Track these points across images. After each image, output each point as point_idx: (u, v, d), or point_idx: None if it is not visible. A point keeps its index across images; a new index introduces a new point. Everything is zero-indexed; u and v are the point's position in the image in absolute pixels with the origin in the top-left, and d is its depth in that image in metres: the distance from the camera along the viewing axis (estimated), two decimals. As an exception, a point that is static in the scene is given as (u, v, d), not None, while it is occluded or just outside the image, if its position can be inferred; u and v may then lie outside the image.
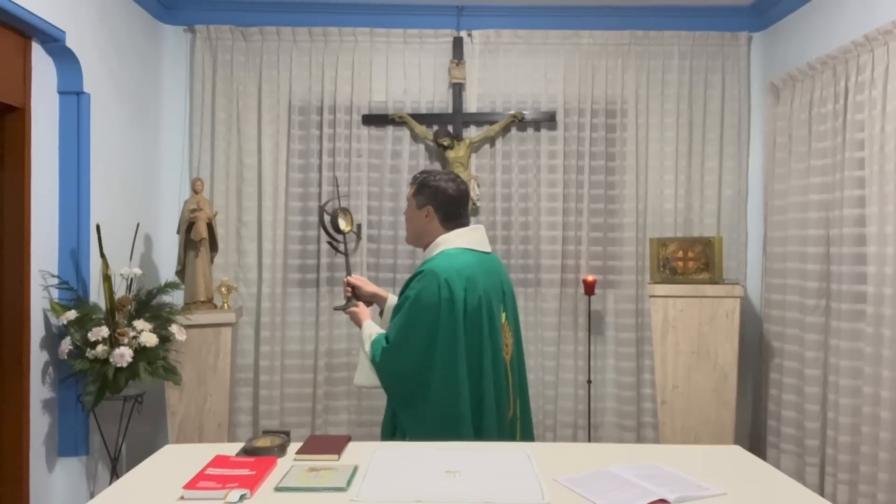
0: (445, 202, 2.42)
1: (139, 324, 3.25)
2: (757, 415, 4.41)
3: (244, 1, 4.36)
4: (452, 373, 2.24)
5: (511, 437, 2.41)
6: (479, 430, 2.29)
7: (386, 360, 2.32)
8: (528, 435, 2.51)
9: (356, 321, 2.57)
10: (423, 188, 2.44)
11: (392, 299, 2.63)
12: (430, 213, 2.43)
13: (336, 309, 2.80)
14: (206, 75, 4.36)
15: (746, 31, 4.46)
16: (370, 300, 2.66)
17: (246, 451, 1.99)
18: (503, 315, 2.42)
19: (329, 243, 2.75)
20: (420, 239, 2.50)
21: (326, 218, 2.72)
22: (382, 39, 4.43)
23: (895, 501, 3.09)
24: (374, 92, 4.45)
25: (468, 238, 2.42)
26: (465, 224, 2.47)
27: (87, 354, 3.11)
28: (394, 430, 2.41)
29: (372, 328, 2.48)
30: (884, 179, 3.18)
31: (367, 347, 2.40)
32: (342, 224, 2.72)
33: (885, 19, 3.20)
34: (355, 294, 2.65)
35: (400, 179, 4.44)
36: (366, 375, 2.40)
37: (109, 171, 3.62)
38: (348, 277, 2.67)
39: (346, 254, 2.73)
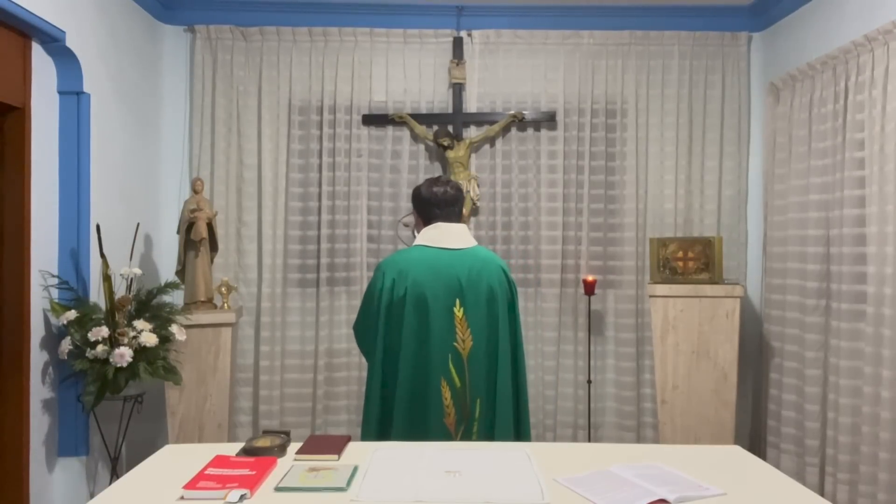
0: (420, 205, 2.62)
1: (139, 324, 3.25)
2: (757, 415, 4.41)
3: (244, 1, 4.36)
4: (373, 352, 2.50)
5: (468, 436, 2.43)
6: (389, 412, 2.46)
7: (354, 336, 2.71)
8: (499, 435, 2.45)
9: None
10: (412, 196, 2.68)
11: None
12: (416, 216, 2.66)
13: None
14: (206, 75, 4.36)
15: (746, 31, 4.46)
16: None
17: (246, 451, 2.00)
18: (460, 310, 2.46)
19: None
20: None
21: (405, 230, 3.28)
22: (382, 39, 4.43)
23: (895, 501, 3.09)
24: (374, 92, 4.45)
25: (425, 235, 2.59)
26: (441, 222, 2.59)
27: (87, 354, 3.10)
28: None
29: None
30: (884, 179, 3.17)
31: None
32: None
33: (885, 19, 3.20)
34: None
35: (400, 179, 4.44)
36: None
37: (109, 171, 3.62)
38: None
39: None
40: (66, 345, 3.13)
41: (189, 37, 4.41)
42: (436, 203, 2.57)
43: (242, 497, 1.66)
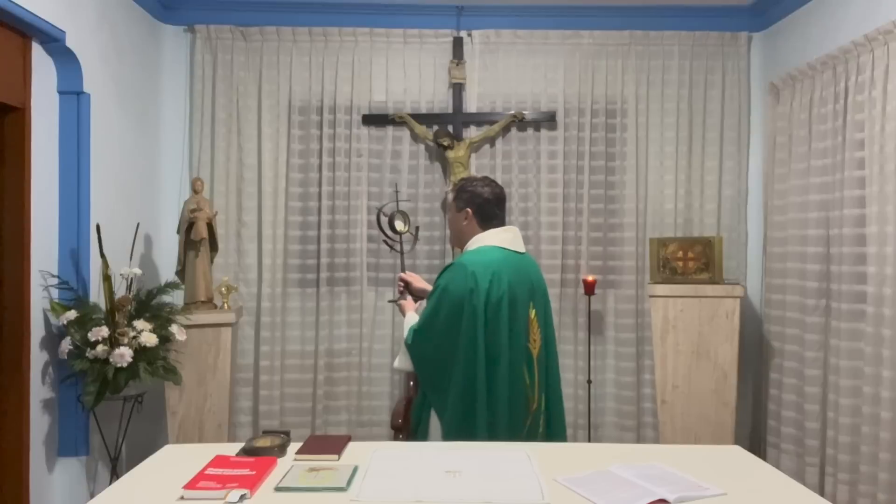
0: (481, 204, 2.58)
1: (139, 324, 3.25)
2: (757, 415, 4.41)
3: (244, 1, 4.36)
4: (472, 359, 2.39)
5: (534, 429, 2.51)
6: (493, 415, 2.41)
7: (416, 342, 2.52)
8: (556, 428, 2.61)
9: (401, 312, 2.78)
10: (462, 193, 2.62)
11: None
12: (469, 215, 2.59)
13: (389, 302, 3.18)
14: (206, 75, 4.36)
15: (746, 31, 4.46)
16: (420, 296, 2.81)
17: (246, 451, 2.00)
18: (532, 311, 2.54)
19: (384, 241, 3.01)
20: (460, 240, 2.67)
21: (384, 219, 3.02)
22: (382, 39, 4.43)
23: (895, 501, 3.09)
24: (374, 92, 4.45)
25: (500, 237, 2.57)
26: (501, 225, 2.62)
27: (87, 354, 3.10)
28: (421, 411, 2.57)
29: (413, 317, 2.66)
30: (884, 179, 3.18)
31: (405, 333, 2.59)
32: (399, 225, 2.94)
33: (885, 19, 3.20)
34: (408, 289, 2.83)
35: (400, 179, 4.44)
36: (401, 359, 2.60)
37: (109, 171, 3.62)
38: (401, 273, 2.89)
39: (401, 252, 2.97)
40: (66, 345, 3.13)
41: (189, 37, 4.41)
42: (496, 203, 2.60)
43: (242, 497, 1.66)
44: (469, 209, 2.58)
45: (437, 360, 2.47)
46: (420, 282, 2.86)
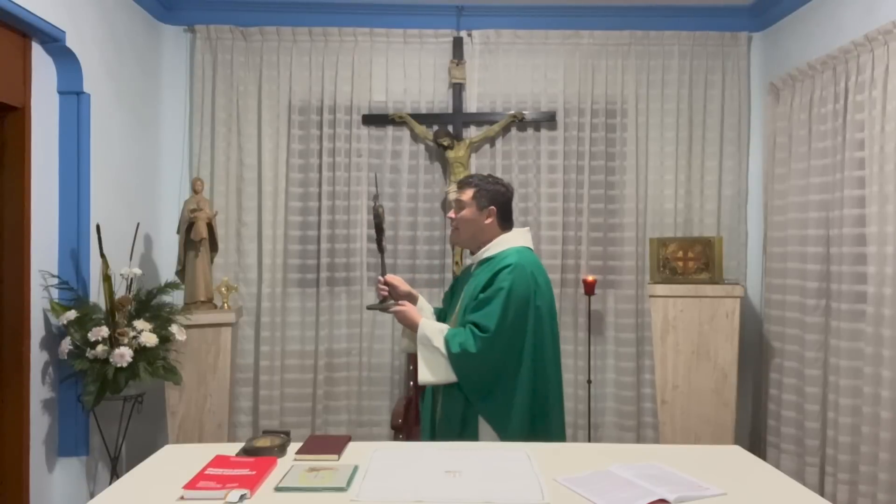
0: (504, 203, 2.58)
1: (139, 324, 3.25)
2: (757, 415, 4.41)
3: (244, 1, 4.36)
4: (541, 359, 2.43)
5: (563, 423, 2.58)
6: (561, 413, 2.52)
7: (486, 348, 2.34)
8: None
9: (406, 319, 2.53)
10: (482, 192, 2.54)
11: (424, 301, 2.70)
12: (493, 213, 2.54)
13: (371, 308, 2.78)
14: (206, 75, 4.36)
15: (746, 31, 4.46)
16: (405, 300, 2.64)
17: (246, 451, 2.00)
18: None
19: (378, 241, 2.75)
20: (476, 239, 2.58)
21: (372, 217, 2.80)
22: (382, 39, 4.43)
23: (895, 501, 3.09)
24: (374, 92, 4.45)
25: (525, 238, 2.61)
26: (513, 223, 2.64)
27: (87, 354, 3.11)
28: (464, 424, 2.40)
29: (435, 324, 2.51)
30: (884, 179, 3.18)
31: (440, 342, 2.39)
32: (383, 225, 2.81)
33: (885, 19, 3.20)
34: (392, 293, 2.66)
35: (400, 179, 4.44)
36: (436, 371, 2.39)
37: (109, 171, 3.62)
38: (386, 276, 2.68)
39: (382, 252, 2.75)
40: (66, 345, 3.13)
41: (189, 37, 4.41)
42: (512, 202, 2.65)
43: (242, 497, 1.66)
44: (493, 207, 2.53)
45: (503, 364, 2.37)
46: (404, 285, 2.68)
